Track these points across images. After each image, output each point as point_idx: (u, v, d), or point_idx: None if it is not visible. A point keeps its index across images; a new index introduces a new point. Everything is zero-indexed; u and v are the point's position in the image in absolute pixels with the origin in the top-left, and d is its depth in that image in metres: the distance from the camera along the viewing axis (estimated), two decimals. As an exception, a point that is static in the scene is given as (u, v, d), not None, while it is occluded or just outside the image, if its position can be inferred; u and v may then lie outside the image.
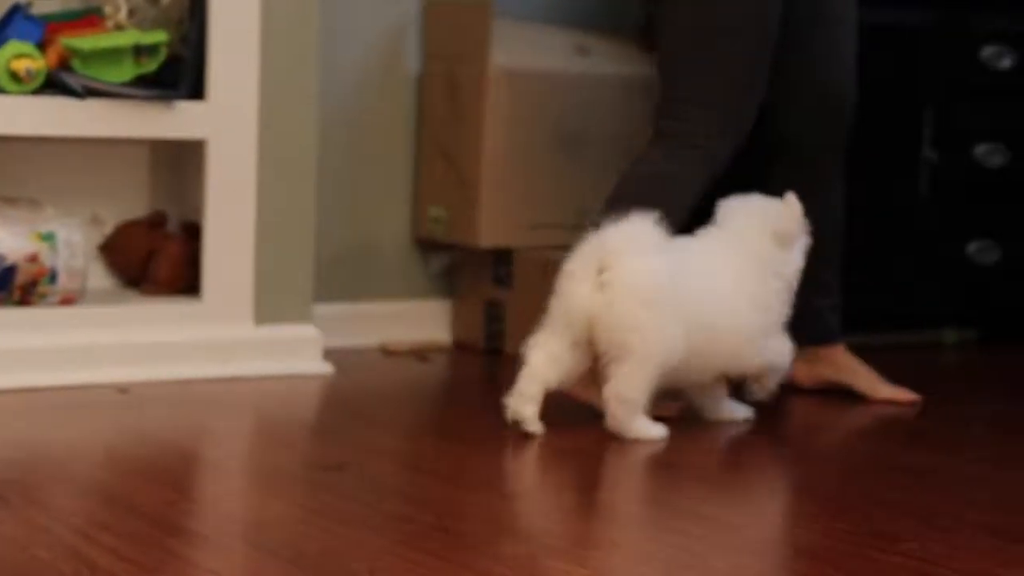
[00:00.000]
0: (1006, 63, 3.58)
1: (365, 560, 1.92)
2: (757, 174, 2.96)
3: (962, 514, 2.28)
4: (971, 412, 3.01)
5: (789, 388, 2.95)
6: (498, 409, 2.93)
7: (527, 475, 2.40)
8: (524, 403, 2.62)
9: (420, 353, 3.42)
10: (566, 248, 3.37)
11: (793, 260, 2.77)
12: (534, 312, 3.32)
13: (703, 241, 2.74)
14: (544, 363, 2.62)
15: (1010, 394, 3.22)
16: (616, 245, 2.59)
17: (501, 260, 3.43)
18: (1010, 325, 3.78)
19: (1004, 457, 2.66)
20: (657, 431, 2.65)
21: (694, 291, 2.66)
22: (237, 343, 3.07)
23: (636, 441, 2.61)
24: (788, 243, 2.75)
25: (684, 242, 2.72)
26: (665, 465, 2.54)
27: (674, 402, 2.80)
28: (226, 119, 3.04)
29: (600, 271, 2.59)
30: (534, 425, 2.63)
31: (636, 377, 2.59)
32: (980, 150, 3.58)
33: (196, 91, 3.01)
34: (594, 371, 2.69)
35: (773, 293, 2.75)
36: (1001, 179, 3.62)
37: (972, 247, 3.62)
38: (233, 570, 1.89)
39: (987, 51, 3.57)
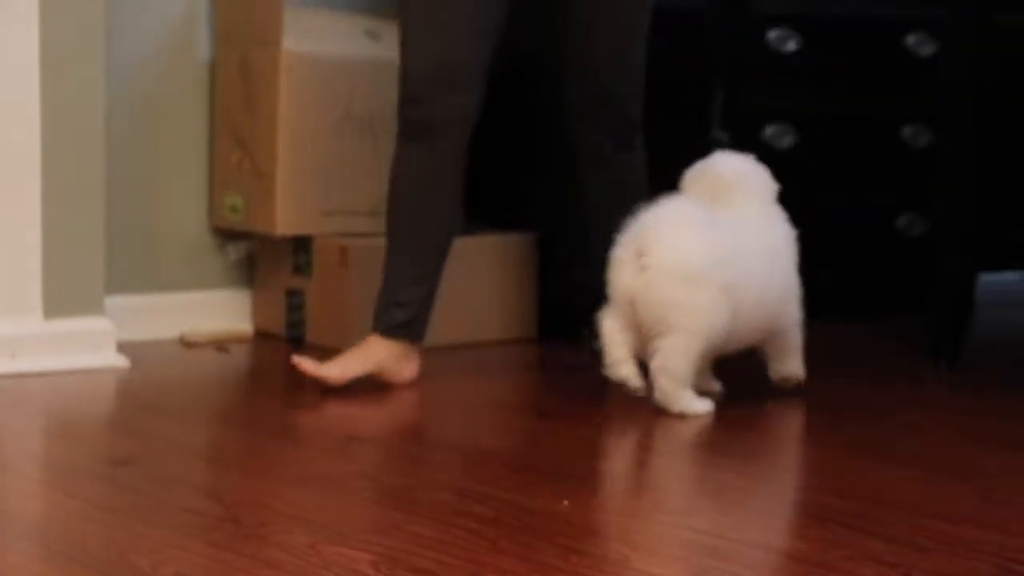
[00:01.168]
0: (791, 46, 3.65)
1: (148, 554, 1.89)
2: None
3: (753, 489, 2.33)
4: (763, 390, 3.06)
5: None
6: (295, 396, 2.91)
7: (319, 463, 2.39)
8: (620, 367, 2.70)
9: (220, 344, 3.37)
10: (364, 235, 3.39)
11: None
12: (335, 299, 3.32)
13: (746, 210, 2.82)
14: (618, 329, 2.69)
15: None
16: (651, 228, 2.67)
17: (300, 248, 3.40)
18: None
19: (803, 436, 2.72)
20: (703, 406, 2.72)
21: (754, 262, 2.74)
22: (25, 338, 2.99)
23: (681, 415, 2.68)
24: None
25: (730, 214, 2.78)
26: (451, 449, 2.54)
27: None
28: (7, 107, 2.96)
29: (639, 255, 2.67)
30: (638, 381, 2.71)
31: (679, 351, 2.66)
32: (769, 131, 3.66)
33: (-24, 79, 2.94)
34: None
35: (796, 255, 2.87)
36: (790, 160, 3.69)
37: (763, 226, 3.68)
38: (10, 569, 1.85)
39: (773, 34, 3.64)
